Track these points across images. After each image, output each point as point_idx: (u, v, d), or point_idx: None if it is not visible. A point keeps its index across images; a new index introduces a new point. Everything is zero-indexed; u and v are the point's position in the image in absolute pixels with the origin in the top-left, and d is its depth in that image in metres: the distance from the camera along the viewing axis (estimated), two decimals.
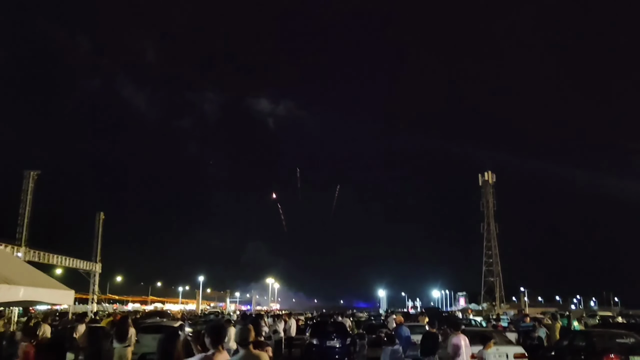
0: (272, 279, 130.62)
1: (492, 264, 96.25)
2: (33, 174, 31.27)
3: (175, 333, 4.98)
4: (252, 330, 5.24)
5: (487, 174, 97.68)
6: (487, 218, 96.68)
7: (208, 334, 5.33)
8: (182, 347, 4.90)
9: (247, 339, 5.14)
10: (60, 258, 35.47)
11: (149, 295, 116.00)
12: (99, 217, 40.63)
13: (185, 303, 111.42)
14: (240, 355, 5.10)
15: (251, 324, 6.13)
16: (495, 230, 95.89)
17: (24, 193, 31.05)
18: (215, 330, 5.38)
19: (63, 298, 15.90)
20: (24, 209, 30.84)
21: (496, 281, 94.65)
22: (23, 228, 30.48)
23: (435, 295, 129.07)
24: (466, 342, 10.39)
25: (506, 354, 13.12)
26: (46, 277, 16.49)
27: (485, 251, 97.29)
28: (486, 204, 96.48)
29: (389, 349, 11.51)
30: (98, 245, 40.59)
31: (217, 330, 5.39)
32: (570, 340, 15.31)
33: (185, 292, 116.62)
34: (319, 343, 18.49)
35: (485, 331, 16.15)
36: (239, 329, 5.25)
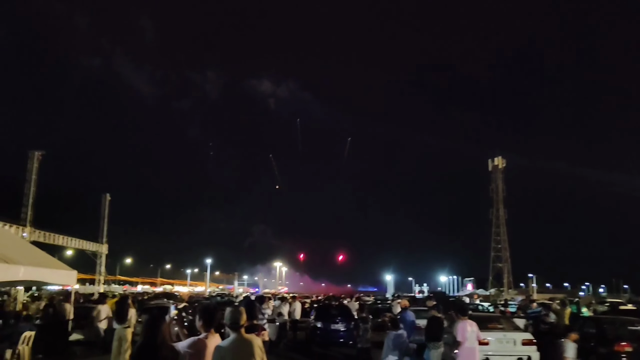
0: (280, 262, 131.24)
1: (501, 250, 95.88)
2: (37, 154, 31.22)
3: (160, 315, 4.68)
4: (243, 312, 4.93)
5: (497, 159, 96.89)
6: (496, 204, 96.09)
7: (200, 316, 5.07)
8: (168, 328, 4.60)
9: (238, 322, 4.84)
10: (66, 239, 35.46)
11: (158, 277, 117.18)
12: (105, 199, 40.60)
13: (194, 285, 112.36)
14: (230, 339, 4.80)
15: (245, 306, 5.83)
16: (504, 216, 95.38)
17: (29, 173, 30.89)
18: (206, 312, 5.10)
19: (65, 278, 15.79)
20: (29, 189, 30.74)
21: (504, 267, 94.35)
22: (28, 208, 30.40)
23: (443, 280, 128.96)
24: (473, 328, 10.07)
25: (514, 340, 12.79)
26: (48, 257, 16.34)
27: (494, 237, 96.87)
28: (495, 190, 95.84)
29: (393, 333, 11.22)
30: (104, 226, 40.58)
31: (209, 313, 5.11)
32: (580, 327, 14.92)
33: (195, 274, 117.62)
34: (323, 326, 18.32)
35: (492, 316, 15.84)
36: (229, 311, 4.94)
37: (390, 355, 11.18)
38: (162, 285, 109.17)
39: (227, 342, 4.79)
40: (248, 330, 5.59)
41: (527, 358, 12.62)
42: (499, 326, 13.45)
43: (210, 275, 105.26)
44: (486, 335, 12.56)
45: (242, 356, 4.75)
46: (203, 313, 5.06)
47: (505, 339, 12.80)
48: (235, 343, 4.77)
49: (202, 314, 5.03)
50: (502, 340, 12.75)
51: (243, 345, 4.79)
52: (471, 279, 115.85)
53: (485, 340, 12.46)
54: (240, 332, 4.84)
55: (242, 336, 4.85)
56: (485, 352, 12.35)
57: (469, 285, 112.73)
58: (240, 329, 4.85)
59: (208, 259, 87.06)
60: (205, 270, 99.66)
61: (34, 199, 30.17)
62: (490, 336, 12.70)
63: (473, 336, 9.96)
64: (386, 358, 11.23)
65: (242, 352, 4.76)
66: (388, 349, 11.28)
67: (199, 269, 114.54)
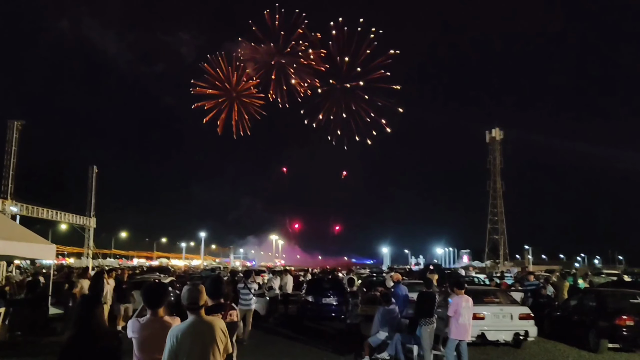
0: (276, 236, 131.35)
1: (497, 222, 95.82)
2: (17, 123, 30.13)
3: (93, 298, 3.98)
4: (203, 291, 4.23)
5: (494, 130, 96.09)
6: (493, 176, 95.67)
7: (142, 295, 4.38)
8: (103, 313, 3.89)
9: (197, 302, 4.15)
10: (51, 212, 34.63)
11: (154, 251, 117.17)
12: (92, 171, 39.77)
13: (190, 258, 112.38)
14: (187, 322, 4.12)
15: (211, 283, 5.12)
16: (501, 188, 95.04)
17: (9, 143, 29.80)
18: (149, 291, 4.41)
19: (43, 252, 15.12)
20: (9, 161, 29.79)
21: (501, 239, 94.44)
22: (9, 180, 29.54)
23: (439, 253, 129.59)
24: (468, 303, 9.47)
25: (510, 315, 12.23)
26: (25, 231, 15.61)
27: (491, 209, 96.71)
28: (493, 162, 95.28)
29: (383, 308, 10.67)
30: (92, 199, 39.81)
31: (152, 291, 4.42)
32: (579, 300, 14.44)
33: (191, 247, 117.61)
34: (314, 300, 17.81)
35: (488, 290, 15.30)
36: (186, 290, 4.25)
37: (380, 331, 10.65)
38: (158, 259, 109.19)
39: (183, 325, 4.12)
40: (214, 310, 4.94)
41: (524, 332, 12.09)
42: (495, 300, 12.88)
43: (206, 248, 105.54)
44: (482, 310, 12.05)
45: (201, 340, 4.09)
46: (145, 292, 4.37)
47: (501, 314, 12.24)
48: (193, 326, 4.10)
49: (144, 293, 4.34)
50: (498, 315, 12.20)
51: (202, 328, 4.13)
52: (467, 251, 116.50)
53: (481, 315, 11.95)
54: (200, 314, 4.18)
55: (202, 318, 4.17)
56: (480, 327, 11.85)
57: (465, 257, 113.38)
58: (199, 310, 4.17)
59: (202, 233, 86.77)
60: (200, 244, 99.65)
61: (15, 171, 29.33)
62: (486, 310, 12.17)
63: (467, 312, 9.37)
64: (376, 334, 10.71)
65: (201, 336, 4.10)
66: (378, 324, 10.75)
67: (195, 242, 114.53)
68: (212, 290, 5.01)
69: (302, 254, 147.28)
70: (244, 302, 12.86)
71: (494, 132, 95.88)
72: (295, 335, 14.68)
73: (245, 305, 12.85)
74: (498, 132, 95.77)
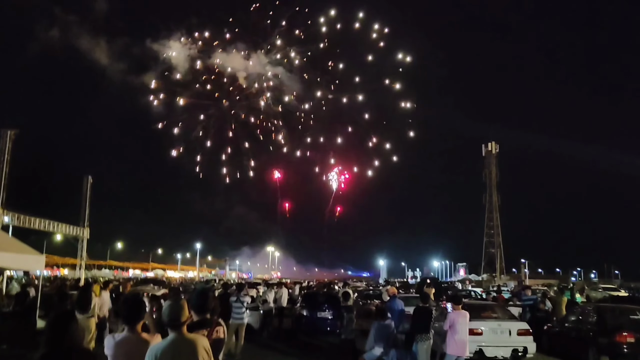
0: (272, 247, 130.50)
1: (493, 235, 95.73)
2: (10, 132, 30.09)
3: (68, 314, 3.73)
4: (184, 307, 3.98)
5: (490, 144, 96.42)
6: (489, 189, 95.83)
7: (120, 310, 4.15)
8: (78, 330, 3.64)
9: (178, 319, 3.89)
10: (43, 222, 34.30)
11: (150, 262, 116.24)
12: (87, 181, 39.53)
13: (186, 270, 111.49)
14: (168, 340, 3.87)
15: (196, 297, 4.87)
16: (497, 201, 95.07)
17: (1, 153, 29.85)
18: (126, 305, 4.17)
19: (32, 263, 14.86)
20: (1, 170, 29.60)
21: (497, 252, 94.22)
22: (0, 190, 29.26)
23: (436, 266, 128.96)
24: (465, 319, 9.22)
25: (509, 330, 11.97)
26: (15, 242, 15.33)
27: (487, 222, 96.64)
28: (489, 175, 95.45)
29: (378, 323, 10.37)
30: (86, 210, 39.50)
31: (129, 305, 4.18)
32: (578, 315, 14.18)
33: (187, 259, 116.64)
34: (309, 314, 17.51)
35: (486, 305, 15.04)
36: (167, 305, 4.00)
37: (375, 346, 10.35)
38: (153, 270, 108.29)
39: (163, 343, 3.86)
40: (199, 326, 4.68)
41: (523, 349, 11.83)
42: (494, 315, 12.63)
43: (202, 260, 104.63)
44: (479, 325, 11.80)
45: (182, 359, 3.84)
46: (123, 305, 4.13)
47: (499, 329, 11.98)
48: (173, 344, 3.84)
49: (122, 308, 4.10)
50: (496, 330, 11.93)
51: (184, 346, 3.87)
52: (464, 264, 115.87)
53: (479, 330, 11.70)
54: (182, 331, 3.91)
55: (184, 336, 3.91)
56: (478, 342, 11.59)
57: (462, 270, 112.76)
58: (181, 327, 3.91)
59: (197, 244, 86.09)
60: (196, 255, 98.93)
61: (7, 180, 29.09)
62: (484, 326, 11.91)
63: (464, 328, 9.12)
64: (371, 350, 10.41)
65: (182, 355, 3.84)
66: (373, 340, 10.45)
67: (191, 253, 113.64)
68: (198, 305, 4.76)
69: (298, 266, 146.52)
70: (237, 316, 12.56)
71: (490, 146, 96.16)
72: (288, 350, 14.39)
73: (237, 319, 12.55)
74: (494, 145, 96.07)
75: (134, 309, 4.19)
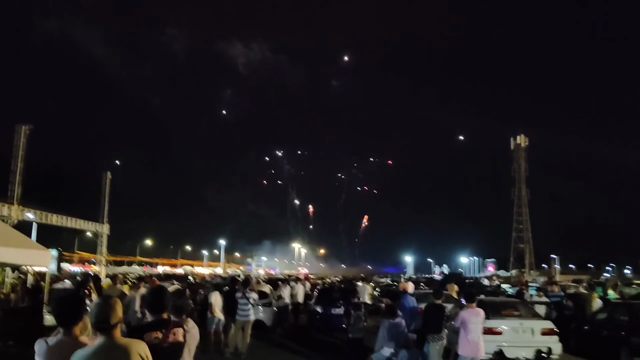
0: (298, 244, 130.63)
1: (523, 230, 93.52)
2: (25, 128, 30.09)
3: None
4: (116, 306, 3.37)
5: (519, 137, 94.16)
6: (518, 183, 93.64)
7: (54, 311, 3.59)
8: None
9: (107, 320, 3.29)
10: (62, 218, 34.44)
11: (179, 259, 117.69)
12: (106, 177, 39.73)
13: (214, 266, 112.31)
14: (93, 347, 3.28)
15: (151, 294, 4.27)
16: (526, 195, 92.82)
17: (15, 148, 29.88)
18: (60, 305, 3.59)
19: (37, 259, 14.57)
20: (16, 166, 29.65)
21: (526, 247, 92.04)
22: (15, 186, 29.39)
23: (464, 262, 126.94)
24: (478, 318, 8.44)
25: (532, 329, 11.10)
26: (21, 236, 15.10)
27: (516, 217, 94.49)
28: (518, 169, 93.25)
29: (388, 322, 9.67)
30: (105, 206, 39.66)
31: (64, 306, 3.60)
32: (609, 313, 13.19)
33: (215, 255, 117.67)
34: (323, 311, 16.89)
35: (507, 302, 14.14)
36: (94, 305, 3.41)
37: (385, 346, 9.66)
38: (182, 267, 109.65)
39: (88, 349, 3.27)
40: (152, 327, 4.09)
41: (547, 349, 10.94)
42: (515, 313, 11.77)
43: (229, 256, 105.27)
44: (500, 324, 11.02)
45: None
46: (57, 305, 3.57)
47: (521, 328, 11.12)
48: (100, 351, 3.24)
49: (55, 307, 3.54)
50: (518, 330, 11.08)
51: (113, 353, 3.26)
52: (492, 260, 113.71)
53: (499, 330, 10.90)
54: (112, 335, 3.31)
55: (114, 341, 3.31)
56: (498, 342, 10.79)
57: (490, 266, 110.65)
58: (111, 331, 3.31)
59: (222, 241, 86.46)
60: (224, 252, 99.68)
61: (23, 176, 29.27)
62: (505, 325, 11.09)
63: (477, 327, 8.33)
64: (381, 350, 9.72)
65: None
66: (383, 339, 9.74)
67: (219, 250, 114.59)
68: (152, 303, 4.17)
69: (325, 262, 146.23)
70: (242, 313, 12.04)
71: (519, 139, 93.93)
72: (299, 348, 13.77)
73: (243, 316, 12.03)
74: (523, 139, 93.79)
75: (70, 309, 3.62)
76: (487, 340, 9.69)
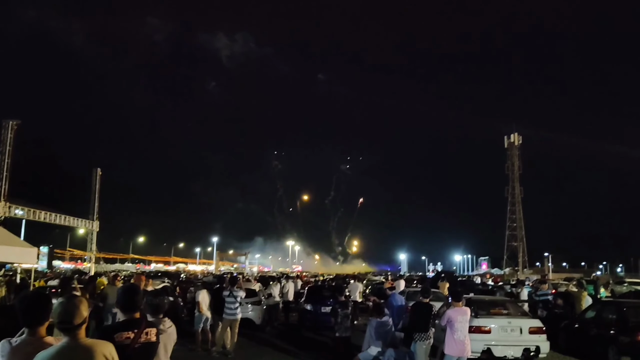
0: (292, 241, 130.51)
1: (516, 229, 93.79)
2: (12, 123, 29.36)
3: None
4: (80, 305, 3.25)
5: (513, 136, 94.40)
6: (511, 181, 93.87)
7: (18, 309, 3.46)
8: None
9: (70, 320, 3.18)
10: (51, 215, 34.02)
11: (172, 256, 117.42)
12: (96, 174, 39.28)
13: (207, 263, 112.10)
14: (56, 348, 3.16)
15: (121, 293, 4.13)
16: (519, 194, 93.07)
17: (3, 144, 29.03)
18: (25, 304, 3.46)
19: (23, 256, 14.45)
20: (4, 162, 29.02)
21: (519, 246, 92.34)
22: (3, 182, 28.67)
23: (457, 260, 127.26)
24: (465, 317, 8.35)
25: (520, 328, 11.04)
26: (7, 234, 14.97)
27: (509, 215, 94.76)
28: (511, 167, 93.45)
29: (375, 321, 9.60)
30: (95, 202, 39.27)
31: (29, 304, 3.48)
32: (598, 311, 13.17)
33: (208, 253, 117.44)
34: (313, 309, 16.81)
35: (496, 301, 14.10)
36: (57, 303, 3.29)
37: (372, 345, 9.59)
38: (175, 264, 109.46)
39: (51, 350, 3.15)
40: (124, 327, 3.96)
41: (535, 348, 10.90)
42: (504, 312, 11.71)
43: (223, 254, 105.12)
44: (488, 322, 10.94)
45: None
46: (21, 304, 3.44)
47: (510, 327, 11.06)
48: (63, 352, 3.12)
49: (20, 306, 3.41)
50: (506, 328, 11.02)
51: (76, 354, 3.14)
52: (486, 258, 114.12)
53: (487, 328, 10.84)
54: (76, 336, 3.19)
55: (78, 342, 3.18)
56: (486, 341, 10.73)
57: (484, 264, 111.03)
58: (75, 331, 3.19)
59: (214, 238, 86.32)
60: (217, 249, 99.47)
61: (9, 172, 28.82)
62: (493, 323, 11.02)
63: (464, 326, 8.25)
64: (368, 349, 9.65)
65: None
66: (370, 338, 9.69)
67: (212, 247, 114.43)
68: (123, 302, 4.05)
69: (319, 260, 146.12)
70: (229, 312, 11.90)
71: (513, 137, 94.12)
72: (287, 347, 13.65)
73: (230, 315, 11.89)
74: (517, 137, 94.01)
75: (34, 308, 3.48)
76: (475, 339, 9.64)
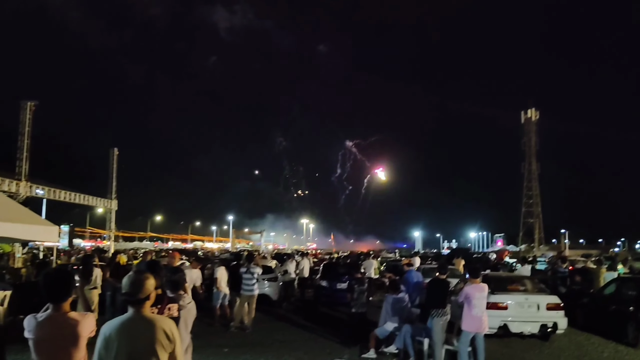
0: (307, 219, 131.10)
1: (532, 205, 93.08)
2: (30, 104, 30.06)
3: None
4: (146, 281, 3.34)
5: (530, 111, 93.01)
6: (528, 157, 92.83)
7: (42, 285, 3.54)
8: None
9: (135, 294, 3.30)
10: (70, 194, 34.56)
11: (189, 234, 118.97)
12: (113, 153, 39.82)
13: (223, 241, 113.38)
14: (120, 319, 3.28)
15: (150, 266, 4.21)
16: (536, 170, 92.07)
17: (22, 125, 29.94)
18: (49, 279, 3.55)
19: (45, 234, 14.61)
20: (22, 142, 29.74)
21: (535, 222, 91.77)
22: (23, 162, 29.37)
23: (473, 237, 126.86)
24: (482, 293, 8.33)
25: (537, 304, 11.00)
26: (27, 212, 15.08)
27: (526, 192, 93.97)
28: (528, 143, 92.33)
29: (391, 297, 9.65)
30: (113, 182, 39.84)
31: (53, 280, 3.56)
32: (617, 287, 13.05)
33: (224, 231, 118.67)
34: (328, 285, 16.95)
35: (513, 277, 14.05)
36: (127, 277, 3.39)
37: (388, 321, 9.66)
38: (192, 242, 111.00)
39: (117, 321, 3.28)
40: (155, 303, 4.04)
41: (552, 324, 10.87)
42: (521, 288, 11.67)
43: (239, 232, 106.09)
44: (505, 299, 10.92)
45: (137, 343, 3.23)
46: (45, 280, 3.51)
47: (527, 303, 11.03)
48: (129, 323, 3.25)
49: (44, 282, 3.49)
50: (523, 305, 10.99)
51: (140, 327, 3.26)
52: (501, 235, 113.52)
53: (504, 304, 10.82)
54: (140, 309, 3.31)
55: (141, 315, 3.31)
56: (503, 317, 10.72)
57: (499, 241, 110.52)
58: (140, 305, 3.31)
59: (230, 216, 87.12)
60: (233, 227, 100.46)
61: (29, 152, 29.37)
62: (510, 299, 11.00)
63: (481, 302, 8.23)
64: (384, 325, 9.72)
65: (138, 338, 3.23)
66: (387, 314, 9.77)
67: (227, 226, 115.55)
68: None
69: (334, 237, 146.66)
70: (247, 288, 12.07)
71: (530, 113, 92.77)
72: (304, 322, 13.81)
73: (248, 291, 12.06)
74: (534, 112, 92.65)
75: (58, 284, 3.56)
76: (492, 315, 9.63)
